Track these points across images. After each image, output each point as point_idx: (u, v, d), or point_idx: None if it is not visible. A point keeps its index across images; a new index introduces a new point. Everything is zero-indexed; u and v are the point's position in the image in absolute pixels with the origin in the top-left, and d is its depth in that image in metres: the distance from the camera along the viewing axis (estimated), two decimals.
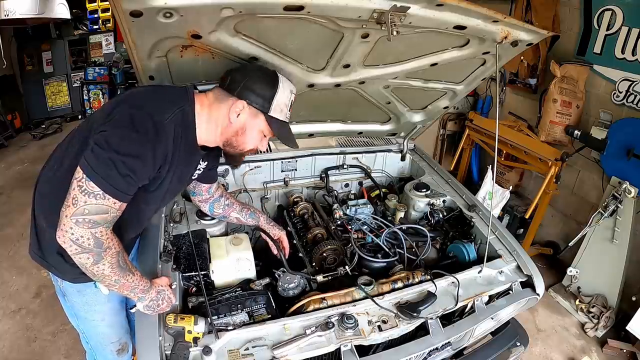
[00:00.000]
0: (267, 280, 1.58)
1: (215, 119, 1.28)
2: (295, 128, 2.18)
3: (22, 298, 2.83)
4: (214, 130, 1.30)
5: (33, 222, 1.34)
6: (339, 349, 1.30)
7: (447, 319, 1.55)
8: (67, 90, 6.16)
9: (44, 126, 5.69)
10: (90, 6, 5.92)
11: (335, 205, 2.06)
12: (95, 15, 6.02)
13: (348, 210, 2.04)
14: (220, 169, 2.01)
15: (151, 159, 1.11)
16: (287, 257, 1.76)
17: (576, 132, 2.88)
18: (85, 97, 6.17)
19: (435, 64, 1.74)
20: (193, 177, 1.52)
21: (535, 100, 3.45)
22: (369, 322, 1.40)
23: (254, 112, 1.28)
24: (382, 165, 2.52)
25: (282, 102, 1.31)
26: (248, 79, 1.27)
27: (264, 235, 1.79)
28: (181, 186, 1.51)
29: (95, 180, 1.04)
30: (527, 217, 3.20)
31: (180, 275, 1.49)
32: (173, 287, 1.39)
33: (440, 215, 2.02)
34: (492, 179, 2.79)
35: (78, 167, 1.06)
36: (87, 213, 1.05)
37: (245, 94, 1.26)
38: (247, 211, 1.78)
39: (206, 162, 1.50)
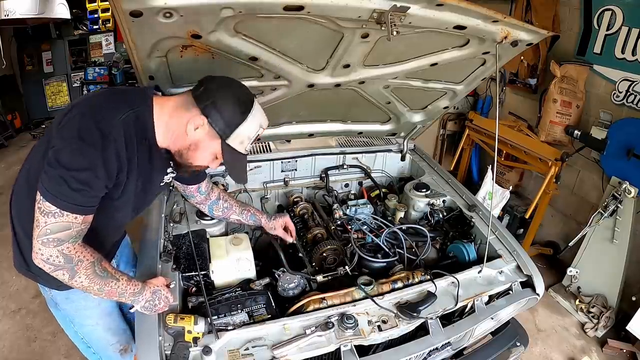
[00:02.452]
0: (267, 280, 1.58)
1: (173, 125, 1.21)
2: (295, 128, 2.19)
3: (22, 298, 2.83)
4: (169, 136, 1.23)
5: (13, 233, 1.31)
6: (338, 349, 1.30)
7: (447, 319, 1.55)
8: (67, 90, 6.16)
9: (44, 126, 5.70)
10: (90, 6, 5.91)
11: (335, 205, 2.06)
12: (95, 15, 6.01)
13: (348, 210, 2.04)
14: (221, 168, 2.01)
15: (102, 168, 1.07)
16: (294, 238, 1.81)
17: (576, 132, 2.88)
18: None
19: (435, 64, 1.74)
20: (165, 181, 1.44)
21: (535, 100, 3.44)
22: (369, 322, 1.40)
23: (213, 133, 1.20)
24: (382, 165, 2.52)
25: (245, 134, 1.22)
26: (220, 96, 1.18)
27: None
28: (152, 190, 1.42)
29: (50, 199, 1.04)
30: (527, 217, 3.20)
31: (180, 275, 1.49)
32: (171, 286, 1.39)
33: (440, 215, 2.03)
34: (492, 179, 2.79)
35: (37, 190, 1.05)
36: (50, 232, 1.05)
37: (211, 112, 1.17)
38: (247, 213, 1.78)
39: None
